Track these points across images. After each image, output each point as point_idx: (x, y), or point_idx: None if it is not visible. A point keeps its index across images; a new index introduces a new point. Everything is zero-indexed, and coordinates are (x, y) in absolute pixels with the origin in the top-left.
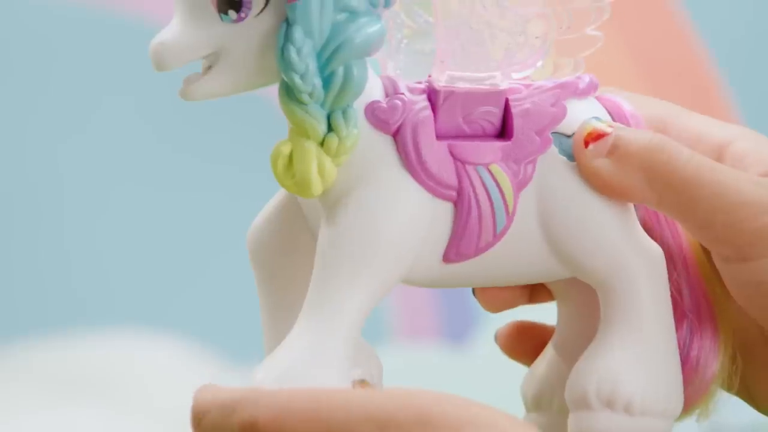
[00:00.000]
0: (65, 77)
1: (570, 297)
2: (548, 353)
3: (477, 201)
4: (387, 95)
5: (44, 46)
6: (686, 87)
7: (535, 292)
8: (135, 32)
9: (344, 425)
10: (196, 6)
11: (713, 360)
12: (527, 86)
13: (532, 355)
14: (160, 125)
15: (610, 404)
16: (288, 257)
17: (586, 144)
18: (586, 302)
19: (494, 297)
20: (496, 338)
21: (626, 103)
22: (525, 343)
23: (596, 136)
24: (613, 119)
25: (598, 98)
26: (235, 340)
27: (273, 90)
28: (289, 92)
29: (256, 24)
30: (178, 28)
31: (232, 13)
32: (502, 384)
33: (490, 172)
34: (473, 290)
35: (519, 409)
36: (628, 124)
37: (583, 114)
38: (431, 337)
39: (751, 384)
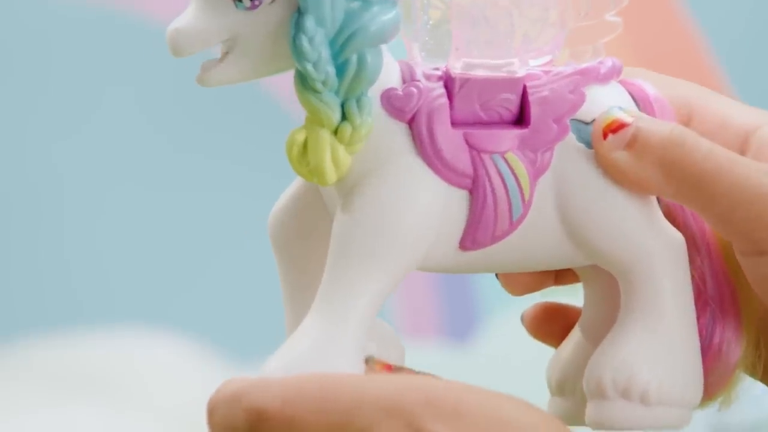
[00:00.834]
0: (67, 75)
1: (595, 279)
2: (575, 336)
3: (492, 189)
4: (404, 82)
5: (46, 44)
6: (687, 77)
7: (561, 274)
8: (138, 30)
9: (352, 411)
10: None
11: (736, 348)
12: (546, 72)
13: (559, 337)
14: (161, 122)
15: (625, 394)
16: (308, 241)
17: (605, 135)
18: (612, 285)
19: (518, 280)
20: (523, 319)
21: (651, 87)
22: (552, 325)
23: (616, 127)
24: (637, 104)
25: (622, 82)
26: (236, 338)
27: (277, 85)
28: (303, 80)
29: (269, 11)
30: (193, 15)
31: (246, 1)
32: (505, 382)
33: (505, 160)
34: (497, 273)
35: None
36: (652, 109)
37: (604, 100)
38: (433, 336)
39: None
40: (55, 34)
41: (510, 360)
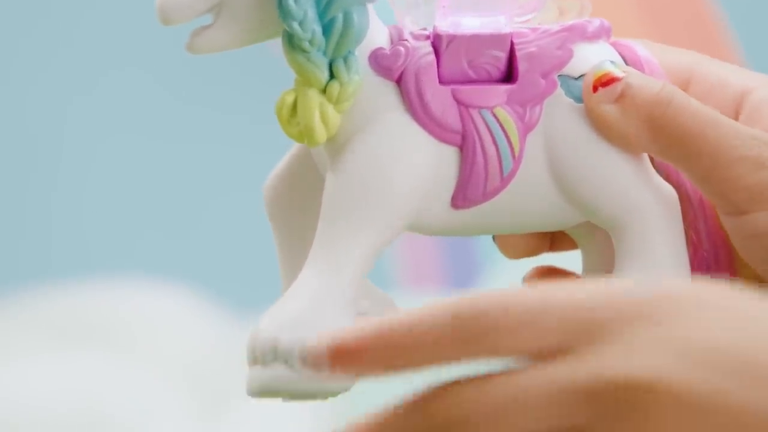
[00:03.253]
0: (75, 30)
1: (592, 244)
2: None
3: (482, 144)
4: (392, 43)
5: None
6: (692, 35)
7: (557, 240)
8: None
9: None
10: None
11: None
12: (534, 30)
13: None
14: (164, 72)
15: None
16: (303, 209)
17: (595, 88)
18: (608, 248)
19: (513, 243)
20: (523, 283)
21: (642, 49)
22: None
23: (607, 81)
24: (627, 64)
25: (613, 44)
26: (237, 288)
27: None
28: (290, 41)
29: None
30: None
31: None
32: None
33: (494, 115)
34: (493, 236)
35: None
36: (642, 70)
37: (592, 57)
38: (436, 286)
39: None
40: None
41: None
